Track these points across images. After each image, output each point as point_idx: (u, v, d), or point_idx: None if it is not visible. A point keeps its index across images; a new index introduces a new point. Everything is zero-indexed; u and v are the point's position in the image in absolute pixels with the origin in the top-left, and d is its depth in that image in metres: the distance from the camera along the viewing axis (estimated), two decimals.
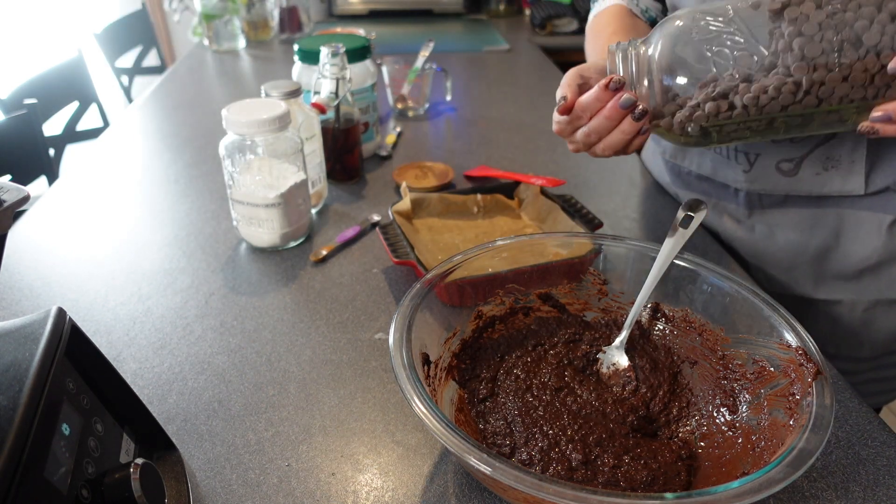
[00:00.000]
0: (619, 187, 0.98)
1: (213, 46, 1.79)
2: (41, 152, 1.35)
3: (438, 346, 0.54)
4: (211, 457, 0.52)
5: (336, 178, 0.98)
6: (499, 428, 0.51)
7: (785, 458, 0.38)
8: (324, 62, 0.88)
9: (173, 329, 0.67)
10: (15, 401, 0.34)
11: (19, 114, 1.29)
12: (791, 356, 0.47)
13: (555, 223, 0.79)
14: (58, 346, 0.39)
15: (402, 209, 0.80)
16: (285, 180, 0.76)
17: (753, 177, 0.76)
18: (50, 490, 0.34)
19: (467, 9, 2.27)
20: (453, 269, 0.55)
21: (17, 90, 1.50)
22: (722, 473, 0.46)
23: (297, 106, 0.83)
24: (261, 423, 0.55)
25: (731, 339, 0.53)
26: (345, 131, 0.93)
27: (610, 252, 0.60)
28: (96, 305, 0.70)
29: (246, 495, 0.49)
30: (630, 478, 0.46)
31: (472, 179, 1.00)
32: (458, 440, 0.39)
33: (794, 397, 0.45)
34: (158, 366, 0.62)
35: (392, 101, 1.29)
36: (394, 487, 0.50)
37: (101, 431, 0.42)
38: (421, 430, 0.55)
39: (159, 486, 0.42)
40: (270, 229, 0.78)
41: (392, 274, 0.76)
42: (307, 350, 0.64)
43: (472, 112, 1.31)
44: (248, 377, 0.61)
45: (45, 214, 0.90)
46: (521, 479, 0.36)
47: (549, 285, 0.61)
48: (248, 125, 0.72)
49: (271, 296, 0.72)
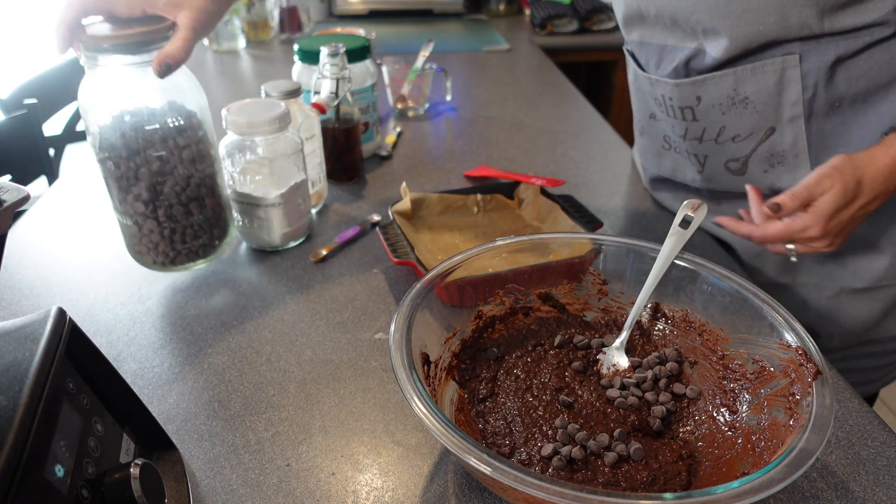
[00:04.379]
0: (619, 187, 0.98)
1: (213, 46, 1.79)
2: (41, 152, 1.35)
3: (438, 346, 0.54)
4: (211, 457, 0.52)
5: (336, 178, 0.98)
6: (499, 428, 0.51)
7: (785, 458, 0.38)
8: (324, 62, 0.88)
9: (173, 329, 0.67)
10: (15, 401, 0.34)
11: (19, 114, 1.29)
12: (791, 356, 0.47)
13: (555, 223, 0.79)
14: (58, 346, 0.39)
15: (402, 209, 0.80)
16: (285, 180, 0.76)
17: (707, 176, 0.79)
18: (50, 490, 0.34)
19: (467, 9, 2.27)
20: (453, 269, 0.55)
21: (17, 90, 1.50)
22: (722, 473, 0.46)
23: (297, 106, 0.83)
24: (261, 423, 0.55)
25: (731, 339, 0.53)
26: (345, 131, 0.93)
27: (610, 252, 0.60)
28: (96, 305, 0.70)
29: (246, 495, 0.49)
30: (630, 478, 0.46)
31: (472, 179, 1.00)
32: (458, 440, 0.39)
33: (794, 397, 0.45)
34: (158, 366, 0.62)
35: (392, 101, 1.29)
36: (394, 487, 0.50)
37: (101, 431, 0.42)
38: (421, 430, 0.55)
39: (159, 486, 0.42)
40: (270, 229, 0.78)
41: (392, 274, 0.76)
42: (307, 350, 0.64)
43: (472, 112, 1.31)
44: (248, 377, 0.61)
45: (45, 214, 0.90)
46: (521, 479, 0.36)
47: (549, 285, 0.61)
48: (248, 125, 0.72)
49: (271, 296, 0.72)
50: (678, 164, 0.83)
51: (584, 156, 1.09)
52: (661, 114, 0.80)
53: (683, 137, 0.78)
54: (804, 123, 0.68)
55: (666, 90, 0.75)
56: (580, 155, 1.09)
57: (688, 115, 0.75)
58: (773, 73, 0.66)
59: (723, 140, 0.73)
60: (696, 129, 0.75)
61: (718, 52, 0.67)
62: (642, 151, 0.91)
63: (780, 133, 0.69)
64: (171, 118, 0.64)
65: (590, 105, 1.35)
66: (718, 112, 0.72)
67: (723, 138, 0.74)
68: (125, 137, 0.62)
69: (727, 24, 0.65)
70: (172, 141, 0.64)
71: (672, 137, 0.81)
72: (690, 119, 0.75)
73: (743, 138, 0.72)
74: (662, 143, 0.84)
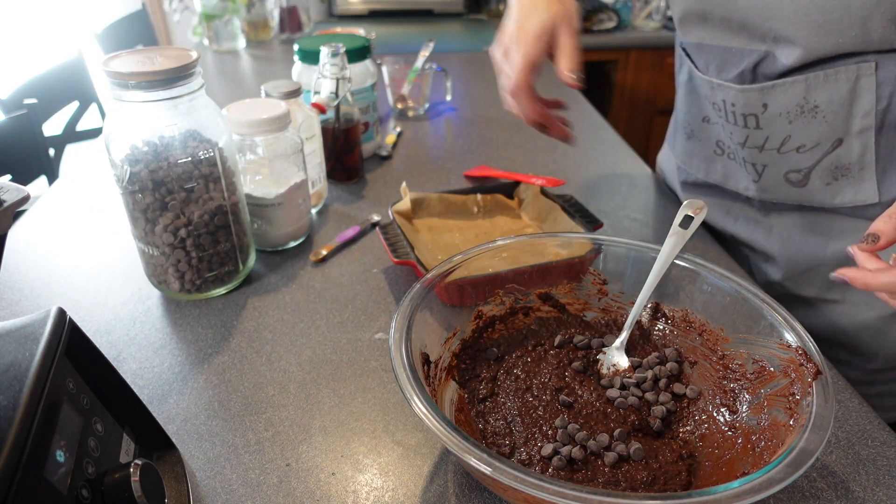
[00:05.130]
0: (619, 187, 0.98)
1: (213, 46, 1.79)
2: (41, 152, 1.35)
3: (438, 346, 0.54)
4: (211, 457, 0.52)
5: (336, 178, 0.98)
6: (499, 428, 0.51)
7: (785, 458, 0.38)
8: (324, 62, 0.88)
9: (173, 329, 0.67)
10: (15, 401, 0.34)
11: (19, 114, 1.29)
12: (791, 356, 0.47)
13: (555, 223, 0.79)
14: (58, 346, 0.39)
15: (402, 209, 0.80)
16: (285, 180, 0.76)
17: (763, 186, 0.74)
18: (50, 490, 0.34)
19: (467, 9, 2.27)
20: (453, 269, 0.55)
21: (17, 90, 1.50)
22: (722, 473, 0.46)
23: (297, 106, 0.83)
24: (261, 423, 0.55)
25: (732, 339, 0.53)
26: (345, 131, 0.93)
27: (610, 252, 0.60)
28: (96, 305, 0.70)
29: (246, 495, 0.49)
30: (630, 478, 0.46)
31: (472, 179, 1.00)
32: (458, 440, 0.39)
33: (794, 397, 0.45)
34: (158, 366, 0.62)
35: (392, 101, 1.29)
36: (394, 487, 0.50)
37: (101, 431, 0.42)
38: (421, 430, 0.55)
39: (159, 486, 0.42)
40: (270, 229, 0.78)
41: (392, 274, 0.76)
42: (307, 350, 0.64)
43: (472, 112, 1.31)
44: (248, 377, 0.61)
45: (45, 214, 0.90)
46: (521, 479, 0.36)
47: (549, 285, 0.61)
48: (248, 125, 0.72)
49: (271, 296, 0.72)
50: (731, 171, 0.78)
51: (584, 156, 1.09)
52: (717, 118, 0.75)
53: (742, 145, 0.72)
54: (874, 135, 0.64)
55: (728, 95, 0.70)
56: (580, 155, 1.09)
57: (751, 123, 0.70)
58: (846, 82, 0.62)
59: (786, 150, 0.69)
60: (758, 138, 0.70)
61: (790, 59, 0.63)
62: (687, 154, 0.85)
63: (848, 145, 0.65)
64: (199, 150, 0.63)
65: (590, 105, 1.35)
66: (785, 121, 0.67)
67: (786, 148, 0.69)
68: (152, 170, 0.62)
69: (804, 34, 0.61)
70: (199, 172, 0.64)
71: (727, 143, 0.76)
72: (753, 126, 0.70)
73: (808, 149, 0.67)
74: (715, 147, 0.79)
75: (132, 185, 0.62)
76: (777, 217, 0.76)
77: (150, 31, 2.38)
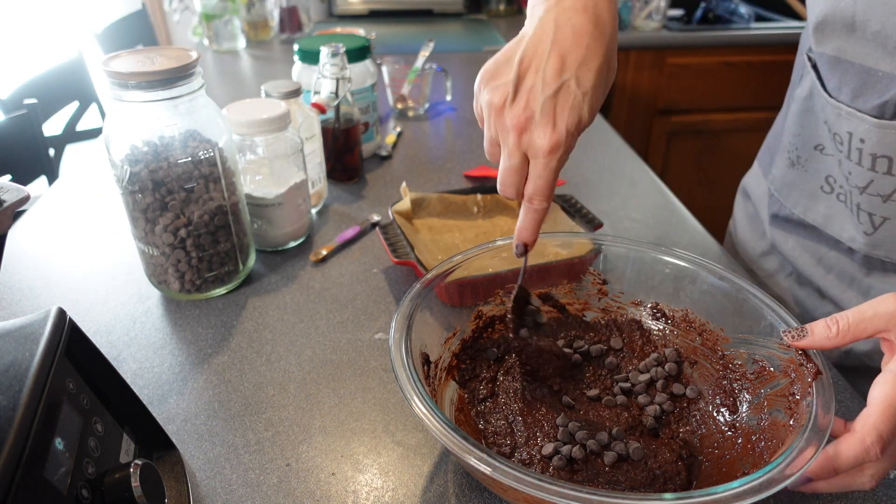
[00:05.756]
0: (619, 187, 0.98)
1: (213, 46, 1.79)
2: (41, 152, 1.35)
3: (438, 346, 0.54)
4: (211, 457, 0.52)
5: (336, 178, 0.98)
6: (499, 428, 0.51)
7: (785, 458, 0.38)
8: (324, 62, 0.88)
9: (173, 329, 0.67)
10: (15, 401, 0.34)
11: (19, 114, 1.29)
12: (791, 356, 0.47)
13: (555, 223, 0.79)
14: (58, 346, 0.39)
15: (402, 209, 0.80)
16: (285, 180, 0.76)
17: (876, 241, 0.61)
18: (50, 490, 0.34)
19: (467, 9, 2.27)
20: (453, 269, 0.55)
21: (17, 90, 1.50)
22: (722, 473, 0.46)
23: (297, 106, 0.83)
24: (261, 423, 0.55)
25: (731, 339, 0.53)
26: (345, 131, 0.93)
27: (610, 252, 0.60)
28: (96, 305, 0.70)
29: (246, 495, 0.49)
30: (630, 478, 0.46)
31: (472, 179, 1.00)
32: (458, 440, 0.39)
33: (794, 397, 0.45)
34: (158, 366, 0.62)
35: (392, 101, 1.29)
36: (394, 487, 0.50)
37: (101, 431, 0.42)
38: (421, 430, 0.55)
39: (159, 486, 0.42)
40: (270, 229, 0.78)
41: (392, 274, 0.76)
42: (307, 350, 0.64)
43: (472, 112, 1.30)
44: (248, 377, 0.61)
45: (45, 214, 0.90)
46: (521, 479, 0.36)
47: (549, 285, 0.61)
48: (248, 125, 0.72)
49: (271, 296, 0.72)
50: (837, 214, 0.65)
51: (584, 156, 1.09)
52: (835, 151, 0.62)
53: (862, 189, 0.59)
54: None
55: (859, 128, 0.57)
56: (580, 155, 1.09)
57: (880, 166, 0.57)
58: None
59: None
60: (886, 186, 0.57)
61: None
62: (785, 184, 0.72)
63: None
64: (199, 150, 0.63)
65: None
66: None
67: None
68: (152, 170, 0.62)
69: None
70: (199, 172, 0.64)
71: (840, 182, 0.63)
72: (884, 171, 0.57)
73: None
74: (823, 183, 0.66)
75: (132, 186, 0.62)
76: (880, 278, 0.64)
77: (150, 31, 2.38)
